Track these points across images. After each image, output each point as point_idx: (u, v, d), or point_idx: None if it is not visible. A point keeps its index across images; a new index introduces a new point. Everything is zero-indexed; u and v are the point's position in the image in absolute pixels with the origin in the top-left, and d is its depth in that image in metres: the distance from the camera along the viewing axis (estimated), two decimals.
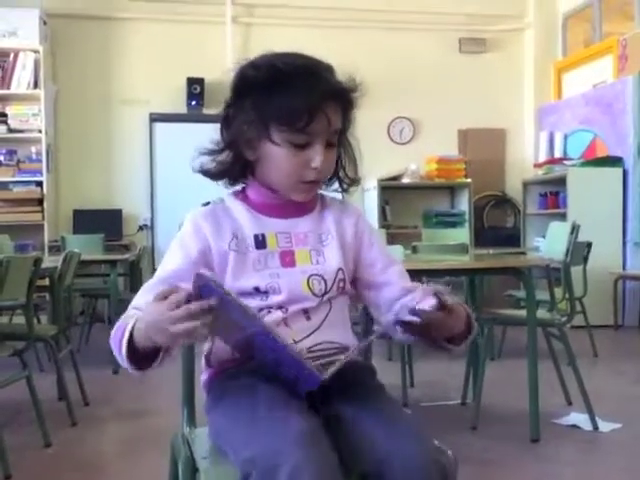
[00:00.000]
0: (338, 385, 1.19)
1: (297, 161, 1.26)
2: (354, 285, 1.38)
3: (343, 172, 1.36)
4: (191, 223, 1.30)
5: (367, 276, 1.36)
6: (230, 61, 6.60)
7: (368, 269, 1.36)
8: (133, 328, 1.10)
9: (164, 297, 1.04)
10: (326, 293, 1.29)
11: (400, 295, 1.31)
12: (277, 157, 1.26)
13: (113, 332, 1.16)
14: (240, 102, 1.27)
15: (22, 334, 2.92)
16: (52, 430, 2.88)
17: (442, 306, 1.13)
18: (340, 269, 1.31)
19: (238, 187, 1.38)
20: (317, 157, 1.25)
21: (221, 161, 1.32)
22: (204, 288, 1.04)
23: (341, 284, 1.31)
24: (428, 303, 1.14)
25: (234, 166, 1.31)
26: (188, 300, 1.03)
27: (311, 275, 1.29)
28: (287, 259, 1.29)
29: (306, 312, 1.27)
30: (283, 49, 1.31)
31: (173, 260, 1.27)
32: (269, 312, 1.26)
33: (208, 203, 1.36)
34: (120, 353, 1.13)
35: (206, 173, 1.33)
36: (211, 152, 1.32)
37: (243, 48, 6.76)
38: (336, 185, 1.38)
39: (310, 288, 1.28)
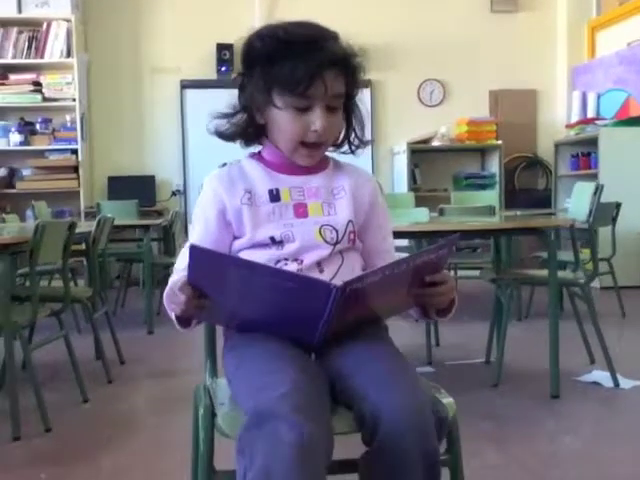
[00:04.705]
0: (342, 337, 1.27)
1: (299, 124, 1.34)
2: None
3: (353, 135, 1.45)
4: (208, 188, 1.41)
5: (371, 241, 1.45)
6: (258, 26, 6.60)
7: (374, 234, 1.45)
8: None
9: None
10: (338, 243, 1.37)
11: None
12: (281, 120, 1.35)
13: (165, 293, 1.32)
14: (249, 70, 1.38)
15: (59, 296, 3.04)
16: (89, 387, 3.03)
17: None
18: (350, 221, 1.39)
19: (255, 150, 1.47)
20: (317, 120, 1.33)
21: (235, 124, 1.42)
22: (200, 258, 1.18)
23: (351, 236, 1.39)
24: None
25: (247, 129, 1.41)
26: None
27: (323, 225, 1.37)
28: (300, 210, 1.39)
29: (319, 265, 1.35)
30: (310, 15, 1.43)
31: (198, 227, 1.41)
32: (285, 264, 1.34)
33: (225, 164, 1.46)
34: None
35: (220, 135, 1.43)
36: (224, 115, 1.42)
37: (271, 13, 6.75)
38: (345, 147, 1.46)
39: (322, 236, 1.37)
